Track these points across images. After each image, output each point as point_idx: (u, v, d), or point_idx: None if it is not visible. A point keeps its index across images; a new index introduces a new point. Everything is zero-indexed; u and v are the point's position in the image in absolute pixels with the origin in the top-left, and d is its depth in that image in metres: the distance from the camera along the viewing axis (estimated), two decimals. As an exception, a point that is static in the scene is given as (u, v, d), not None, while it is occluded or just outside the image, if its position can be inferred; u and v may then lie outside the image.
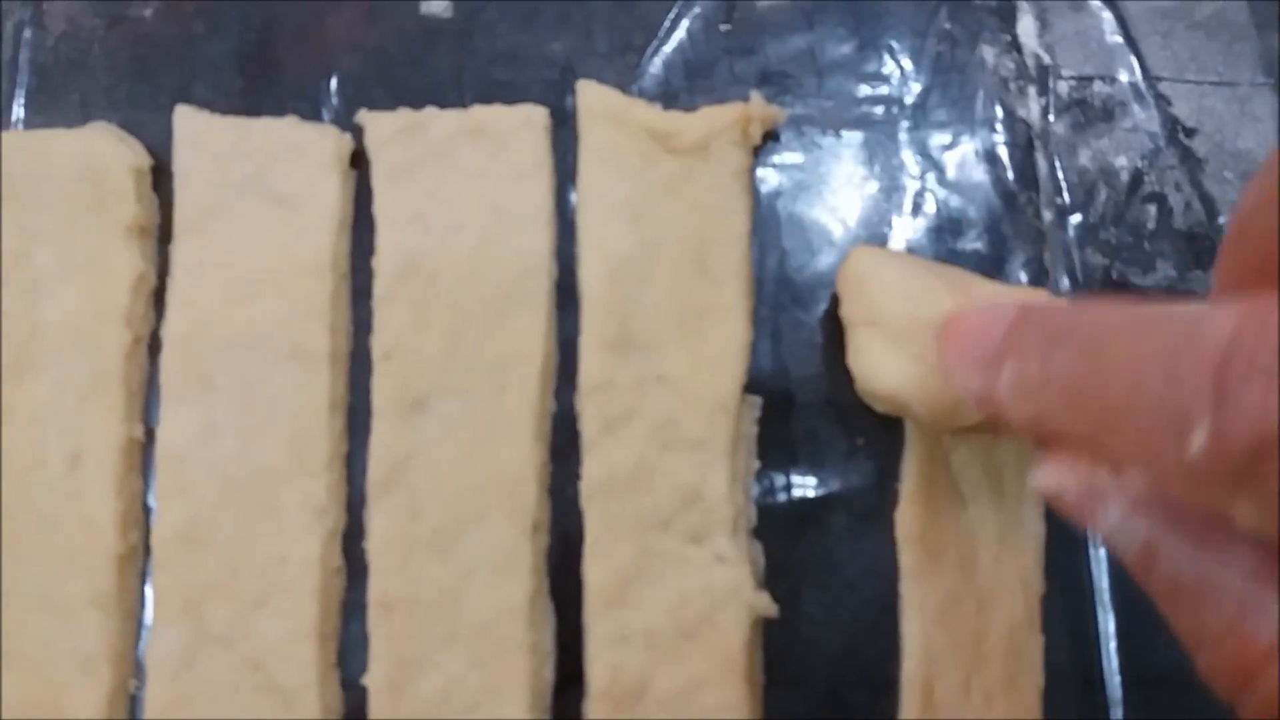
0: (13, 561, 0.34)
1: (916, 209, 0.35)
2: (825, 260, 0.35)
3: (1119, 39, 0.36)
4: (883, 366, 0.30)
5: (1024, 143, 0.35)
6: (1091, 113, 0.36)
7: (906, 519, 0.33)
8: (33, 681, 0.33)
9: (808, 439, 0.34)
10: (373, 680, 0.33)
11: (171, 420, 0.35)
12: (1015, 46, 0.36)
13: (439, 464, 0.34)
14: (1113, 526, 0.20)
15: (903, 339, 0.30)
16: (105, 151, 0.36)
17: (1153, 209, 0.35)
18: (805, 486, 0.34)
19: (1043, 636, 0.32)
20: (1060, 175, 0.35)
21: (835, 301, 0.34)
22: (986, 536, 0.33)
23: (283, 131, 0.36)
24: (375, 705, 0.33)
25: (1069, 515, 0.21)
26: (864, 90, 0.36)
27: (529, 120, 0.35)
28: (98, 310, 0.35)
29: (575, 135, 0.35)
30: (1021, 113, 0.36)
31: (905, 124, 0.36)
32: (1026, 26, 0.36)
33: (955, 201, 0.35)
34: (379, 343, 0.35)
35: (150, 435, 0.35)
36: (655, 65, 0.36)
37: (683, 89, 0.36)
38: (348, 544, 0.35)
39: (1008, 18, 0.36)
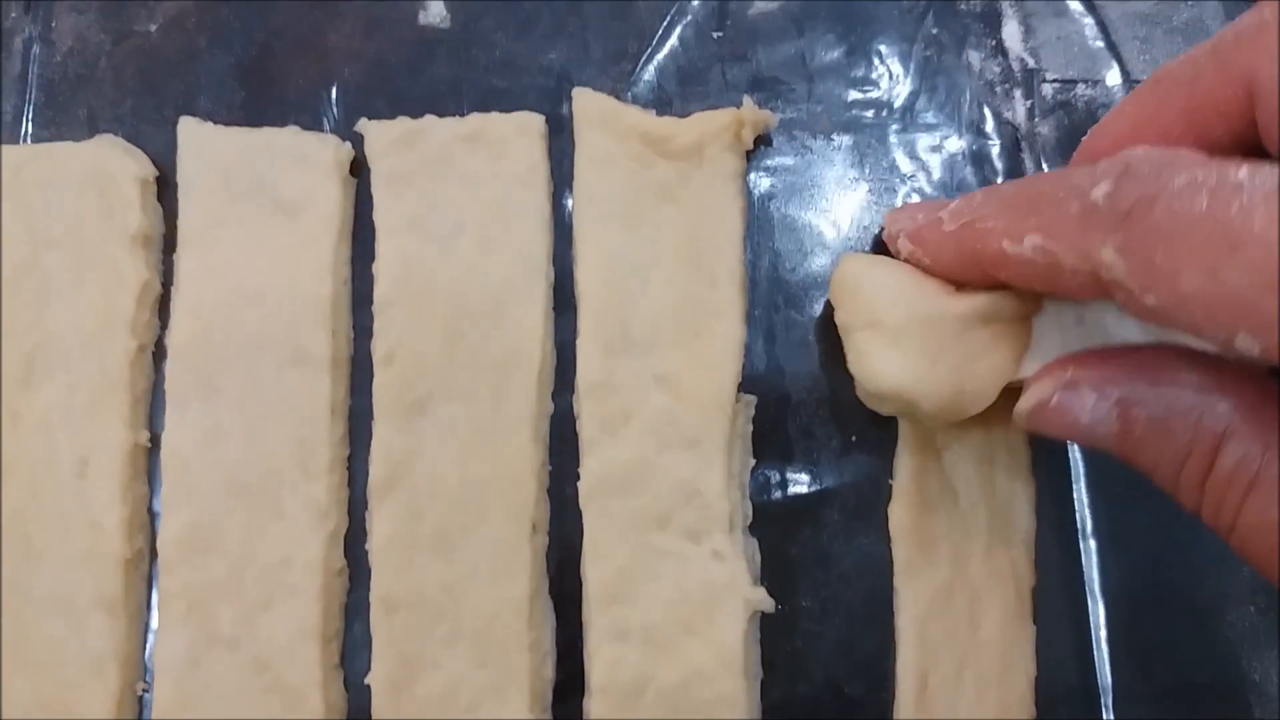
0: (23, 565, 0.35)
1: (906, 210, 0.36)
2: (818, 261, 0.36)
3: (1100, 43, 0.37)
4: (885, 367, 0.30)
5: (1010, 144, 0.36)
6: (1076, 114, 0.36)
7: (899, 514, 0.33)
8: (43, 683, 0.34)
9: (802, 436, 0.35)
10: (375, 680, 0.33)
11: (176, 426, 0.35)
12: (1000, 50, 0.37)
13: (439, 465, 0.34)
14: (1092, 410, 0.25)
15: (902, 338, 0.30)
16: (111, 163, 0.37)
17: (1137, 207, 0.35)
18: (800, 483, 0.35)
19: (1034, 627, 0.33)
20: (1046, 176, 0.36)
21: (829, 308, 0.35)
22: (978, 531, 0.33)
23: (284, 141, 0.37)
24: (378, 704, 0.33)
25: (1058, 427, 0.26)
26: (853, 94, 0.37)
27: (525, 127, 0.36)
28: (104, 318, 0.36)
29: (571, 141, 0.36)
30: (1007, 115, 0.36)
31: (894, 127, 0.37)
32: (1011, 31, 0.37)
33: (944, 202, 0.36)
34: (379, 347, 0.35)
35: (155, 441, 0.36)
36: (649, 72, 0.37)
37: (676, 95, 0.37)
38: (350, 545, 0.35)
39: (993, 23, 0.37)
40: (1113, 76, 0.37)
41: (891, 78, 0.37)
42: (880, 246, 0.33)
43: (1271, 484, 0.22)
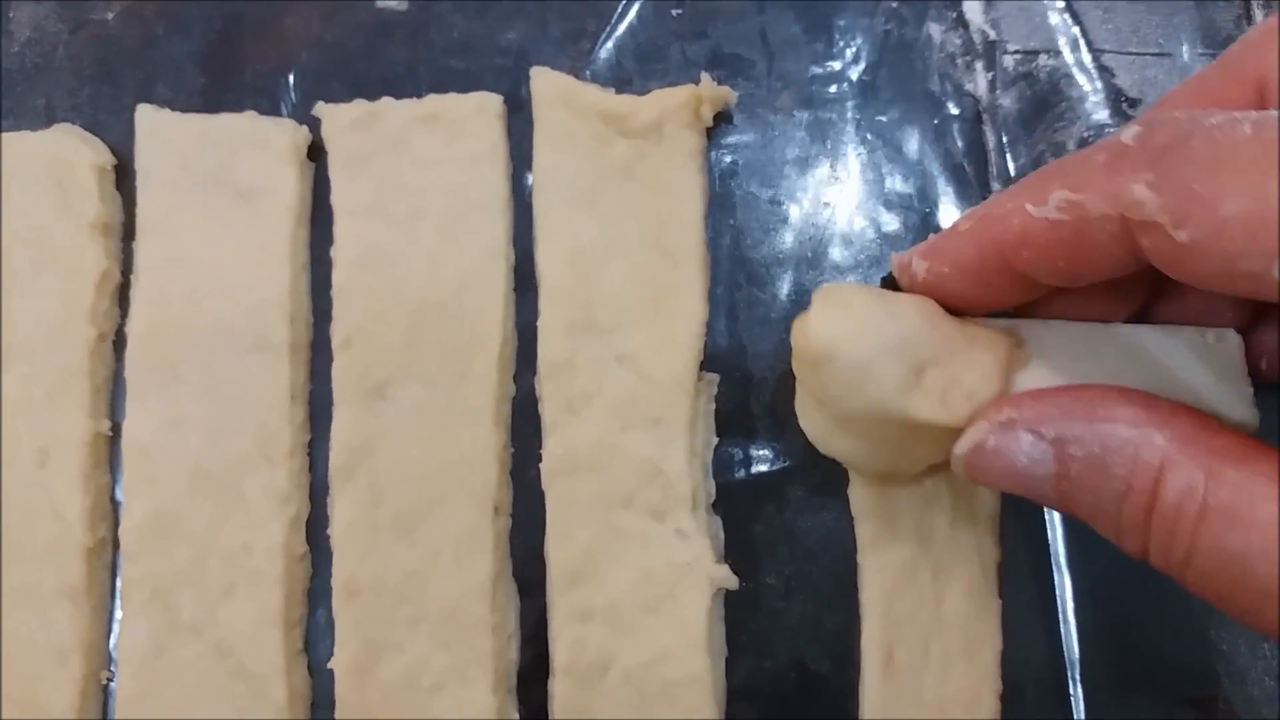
0: (-17, 555, 0.34)
1: (867, 185, 0.36)
2: (779, 238, 0.36)
3: (1062, 13, 0.36)
4: (830, 442, 0.30)
5: (972, 117, 0.36)
6: (1038, 86, 0.36)
7: (860, 492, 0.33)
8: (6, 674, 0.34)
9: (765, 414, 0.35)
10: (339, 664, 0.33)
11: (137, 414, 0.35)
12: (961, 23, 0.37)
13: (400, 449, 0.34)
14: (1028, 450, 0.24)
15: (850, 424, 0.29)
16: (69, 151, 0.37)
17: (1100, 178, 0.35)
18: (763, 461, 0.34)
19: (1000, 601, 0.32)
20: (1007, 148, 0.36)
21: (791, 285, 0.35)
22: (941, 506, 0.33)
23: (241, 126, 0.37)
24: (342, 689, 0.33)
25: (996, 472, 0.25)
26: (814, 70, 0.37)
27: (483, 107, 0.36)
28: (64, 307, 0.36)
29: (530, 121, 0.36)
30: (969, 88, 0.36)
31: (854, 102, 0.36)
32: (972, 3, 0.37)
33: (905, 176, 0.36)
34: (338, 331, 0.35)
35: (116, 430, 0.36)
36: (607, 50, 0.37)
37: (635, 73, 0.37)
38: (312, 531, 0.35)
39: (953, -5, 0.37)
40: (1075, 47, 0.36)
41: (852, 52, 0.37)
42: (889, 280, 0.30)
43: (1221, 511, 0.21)
